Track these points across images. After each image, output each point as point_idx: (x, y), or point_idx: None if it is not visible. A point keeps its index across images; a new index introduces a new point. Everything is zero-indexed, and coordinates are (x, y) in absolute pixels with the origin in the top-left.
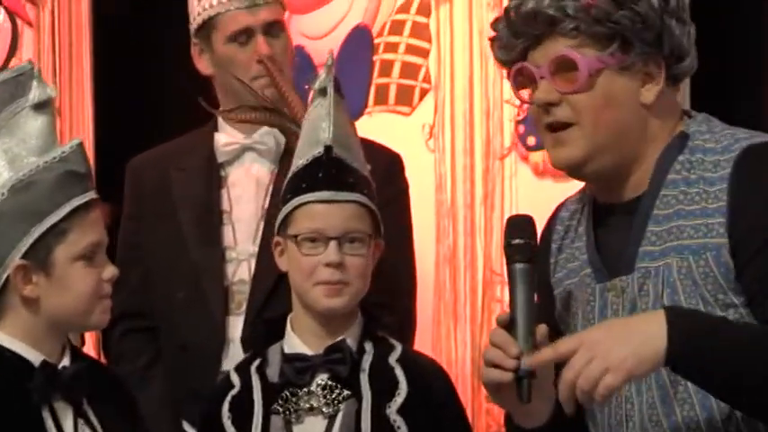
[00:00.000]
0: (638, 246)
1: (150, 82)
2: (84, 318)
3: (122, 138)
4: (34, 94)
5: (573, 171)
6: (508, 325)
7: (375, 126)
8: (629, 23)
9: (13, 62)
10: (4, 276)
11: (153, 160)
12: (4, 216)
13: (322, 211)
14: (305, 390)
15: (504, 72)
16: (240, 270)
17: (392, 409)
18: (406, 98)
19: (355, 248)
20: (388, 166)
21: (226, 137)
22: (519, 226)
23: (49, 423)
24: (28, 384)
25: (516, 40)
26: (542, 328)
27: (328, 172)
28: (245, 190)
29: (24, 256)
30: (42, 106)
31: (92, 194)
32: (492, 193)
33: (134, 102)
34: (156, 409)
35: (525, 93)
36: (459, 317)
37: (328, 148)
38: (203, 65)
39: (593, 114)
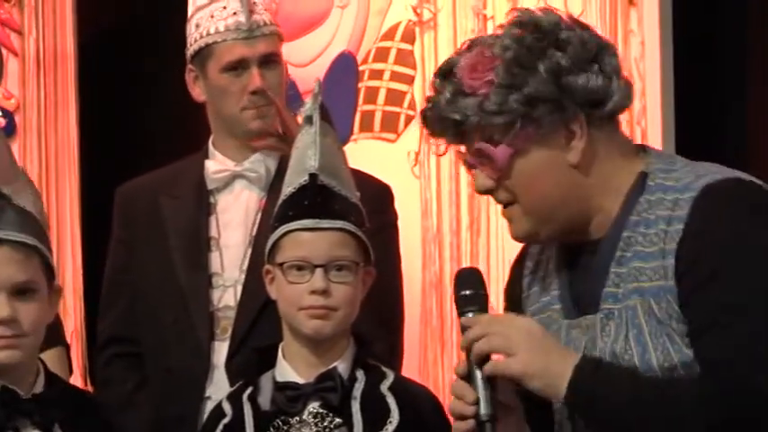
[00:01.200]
0: (602, 287)
1: (136, 110)
2: None
3: (108, 166)
4: None
5: (529, 241)
6: (467, 375)
7: (360, 153)
8: (524, 106)
9: None
10: None
11: (143, 186)
12: None
13: (307, 239)
14: (296, 418)
15: None
16: (226, 296)
17: None
18: (391, 125)
19: (342, 276)
20: (376, 196)
21: (215, 164)
22: (468, 278)
23: None
24: None
25: (441, 137)
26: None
27: (314, 200)
28: (234, 217)
29: None
30: None
31: None
32: (478, 219)
33: (119, 129)
34: None
35: None
36: (445, 342)
37: (313, 176)
38: (197, 92)
39: (524, 192)
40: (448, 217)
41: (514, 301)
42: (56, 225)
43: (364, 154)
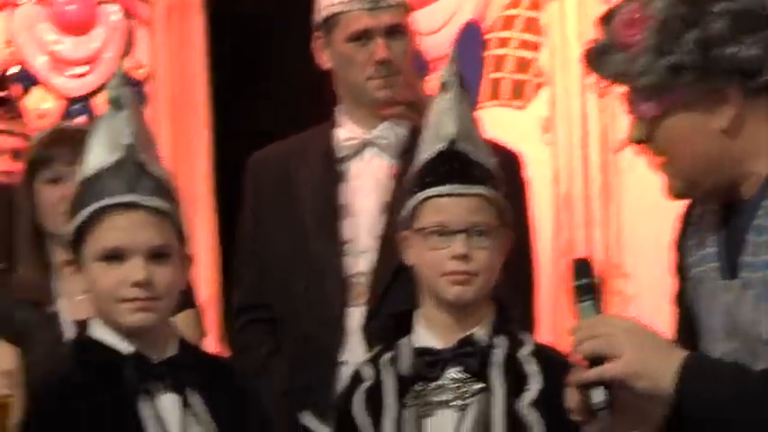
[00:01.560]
0: (741, 253)
1: (265, 78)
2: (110, 317)
3: (237, 135)
4: (108, 91)
5: (682, 198)
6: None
7: (490, 121)
8: (670, 72)
9: (128, 60)
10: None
11: (274, 156)
12: (73, 203)
13: (447, 205)
14: (436, 383)
15: None
16: (359, 263)
17: (524, 403)
18: (519, 92)
19: (482, 241)
20: (507, 163)
21: (345, 132)
22: (582, 268)
23: (147, 413)
24: (121, 375)
25: (599, 76)
26: None
27: (453, 166)
28: (365, 184)
29: (74, 250)
30: (115, 104)
31: (131, 197)
32: (609, 185)
33: (249, 98)
34: (277, 400)
35: None
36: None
37: (452, 142)
38: (323, 59)
39: (672, 154)
40: (579, 183)
41: (680, 251)
42: (188, 194)
43: (493, 122)
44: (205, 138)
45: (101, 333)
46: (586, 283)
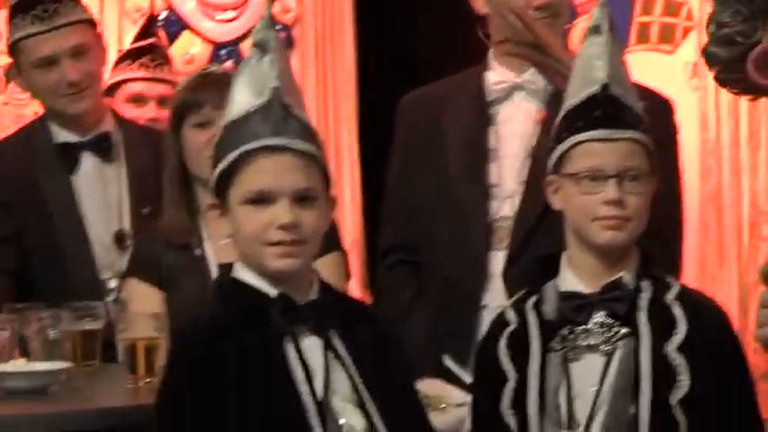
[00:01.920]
0: None
1: (412, 21)
2: (255, 260)
3: (383, 79)
4: (254, 34)
5: None
6: None
7: (637, 65)
8: None
9: (275, 5)
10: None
11: (424, 98)
12: (218, 147)
13: (600, 150)
14: (582, 327)
15: None
16: (504, 207)
17: (671, 348)
18: (668, 36)
19: (634, 186)
20: (658, 109)
21: (496, 75)
22: None
23: (292, 354)
24: (267, 317)
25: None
26: None
27: (605, 110)
28: (514, 128)
29: (218, 194)
30: (261, 47)
31: (278, 140)
32: (757, 131)
33: (395, 42)
34: (421, 342)
35: None
36: (724, 256)
37: (605, 86)
38: (479, 3)
39: None
40: (727, 129)
41: None
42: (333, 138)
43: (641, 66)
44: (352, 81)
45: (246, 276)
46: None
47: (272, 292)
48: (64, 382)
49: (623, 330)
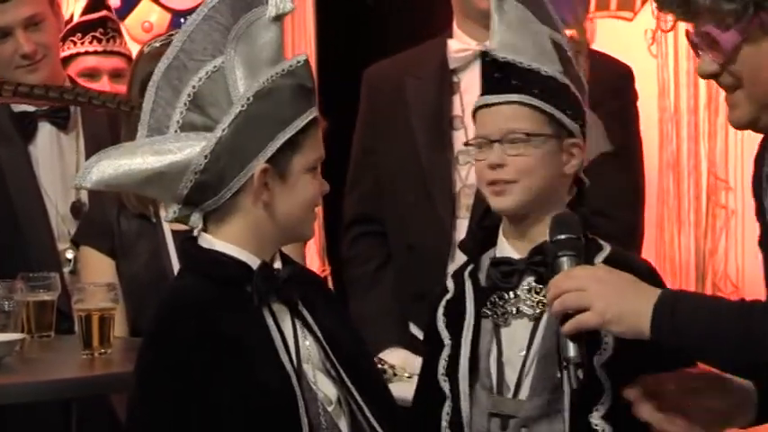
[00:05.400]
0: None
1: None
2: (302, 226)
3: (344, 50)
4: (275, 5)
5: (749, 128)
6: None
7: (597, 32)
8: None
9: None
10: (246, 179)
11: (388, 68)
12: (251, 121)
13: (484, 116)
14: (512, 293)
15: None
16: (471, 174)
17: None
18: (628, 3)
19: (516, 148)
20: (617, 78)
21: (458, 43)
22: (563, 223)
23: (270, 322)
24: (247, 287)
25: (670, 12)
26: None
27: (491, 76)
28: (477, 94)
29: (268, 161)
30: (278, 19)
31: (316, 111)
32: (716, 98)
33: (355, 13)
34: (386, 311)
35: None
36: (682, 222)
37: (485, 53)
38: None
39: (751, 80)
40: (685, 96)
41: (756, 195)
42: None
43: (601, 33)
44: (312, 54)
45: (224, 248)
46: (566, 239)
47: (255, 262)
48: (18, 353)
49: None
